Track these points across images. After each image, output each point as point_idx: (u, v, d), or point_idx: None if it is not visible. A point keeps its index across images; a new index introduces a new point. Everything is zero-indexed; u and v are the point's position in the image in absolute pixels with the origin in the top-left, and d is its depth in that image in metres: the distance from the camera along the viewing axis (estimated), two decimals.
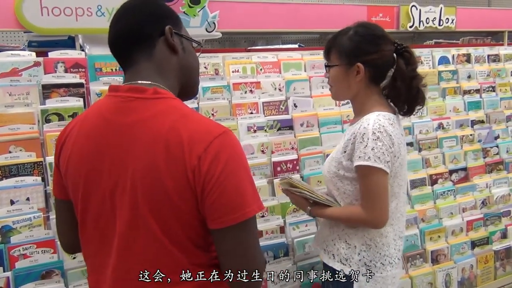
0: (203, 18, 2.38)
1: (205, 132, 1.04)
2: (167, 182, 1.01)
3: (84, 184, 1.12)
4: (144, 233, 1.05)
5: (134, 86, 1.11)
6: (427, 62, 2.97)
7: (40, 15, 2.12)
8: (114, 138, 1.08)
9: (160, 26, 1.14)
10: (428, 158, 2.72)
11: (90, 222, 1.14)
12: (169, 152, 1.01)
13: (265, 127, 2.34)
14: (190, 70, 1.23)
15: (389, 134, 1.55)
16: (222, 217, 1.02)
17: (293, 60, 2.57)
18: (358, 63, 1.61)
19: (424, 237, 2.56)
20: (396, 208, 1.66)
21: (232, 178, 1.03)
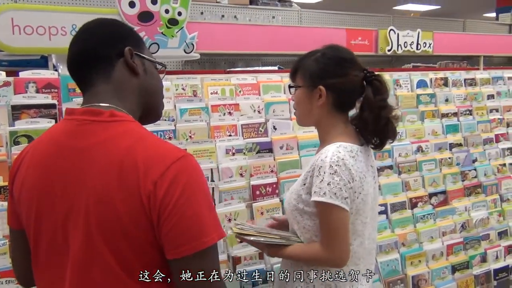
0: (181, 39, 2.35)
1: (162, 156, 1.00)
2: (120, 208, 0.96)
3: (36, 212, 1.07)
4: (98, 263, 0.99)
5: (89, 108, 1.07)
6: (405, 85, 2.99)
7: (12, 33, 2.06)
8: (66, 163, 1.03)
9: (119, 48, 1.11)
10: (407, 181, 2.70)
11: (42, 252, 1.08)
12: (122, 176, 0.97)
13: (244, 149, 2.29)
14: (152, 92, 1.19)
15: (348, 168, 1.43)
16: (179, 246, 0.97)
17: (273, 82, 2.55)
18: (320, 86, 1.51)
19: (405, 262, 2.53)
20: (362, 246, 1.54)
21: (190, 205, 0.98)
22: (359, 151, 1.52)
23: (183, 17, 2.32)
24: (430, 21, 6.57)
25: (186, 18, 2.32)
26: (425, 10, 11.38)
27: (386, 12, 6.56)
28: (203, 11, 5.02)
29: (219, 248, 2.08)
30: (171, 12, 2.30)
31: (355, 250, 1.52)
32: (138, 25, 2.24)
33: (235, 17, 5.17)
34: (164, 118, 2.17)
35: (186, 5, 2.32)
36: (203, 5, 5.03)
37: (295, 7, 5.66)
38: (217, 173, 2.20)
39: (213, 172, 2.19)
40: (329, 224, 1.46)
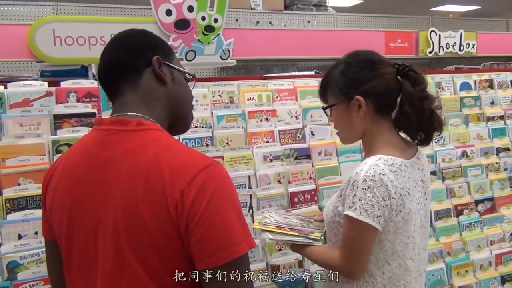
0: (217, 45, 2.35)
1: (190, 164, 0.98)
2: (147, 218, 0.95)
3: (67, 223, 1.07)
4: (128, 273, 0.98)
5: (117, 118, 1.07)
6: (448, 88, 2.88)
7: (53, 44, 2.11)
8: (96, 173, 1.03)
9: (147, 57, 1.11)
10: (452, 187, 2.60)
11: (74, 262, 1.08)
12: (149, 186, 0.96)
13: (282, 156, 2.26)
14: (180, 102, 1.18)
15: (385, 184, 1.32)
16: (208, 256, 0.95)
17: (310, 87, 2.51)
18: (356, 96, 1.42)
19: (451, 272, 2.42)
20: (403, 267, 1.43)
21: (218, 214, 0.95)
22: (404, 165, 1.41)
23: (219, 23, 2.32)
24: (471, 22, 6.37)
25: (222, 24, 2.32)
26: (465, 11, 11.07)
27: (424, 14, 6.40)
28: (238, 17, 5.05)
29: (258, 256, 2.05)
30: (208, 19, 2.30)
31: (393, 272, 1.43)
32: (175, 33, 2.25)
33: (270, 23, 5.17)
34: (201, 125, 2.16)
35: (222, 11, 2.31)
36: (238, 12, 5.06)
37: (330, 11, 5.61)
38: (254, 180, 2.17)
39: (250, 179, 2.16)
40: (353, 239, 1.38)
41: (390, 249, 1.40)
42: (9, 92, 1.91)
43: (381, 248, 1.41)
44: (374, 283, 1.43)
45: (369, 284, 1.43)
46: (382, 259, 1.42)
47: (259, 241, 2.07)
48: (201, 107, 2.20)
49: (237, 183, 2.13)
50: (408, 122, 1.43)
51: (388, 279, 1.43)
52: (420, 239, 1.49)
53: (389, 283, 1.43)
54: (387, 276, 1.43)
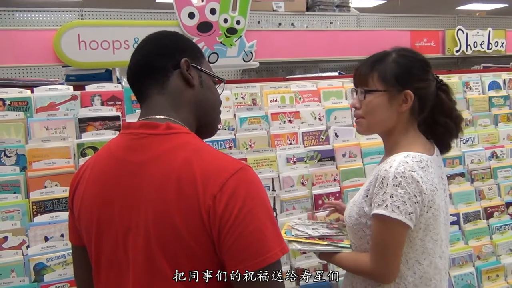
0: (240, 48, 2.34)
1: (221, 169, 0.96)
2: (179, 224, 0.94)
3: (96, 228, 1.06)
4: (159, 280, 0.97)
5: (146, 122, 1.06)
6: (476, 87, 2.81)
7: (78, 49, 2.14)
8: (125, 178, 1.02)
9: (175, 59, 1.10)
10: (481, 189, 2.53)
11: (104, 268, 1.07)
12: (181, 191, 0.94)
13: (305, 158, 2.24)
14: (208, 105, 1.16)
15: (416, 180, 1.30)
16: (242, 262, 0.93)
17: (333, 88, 2.48)
18: (408, 90, 1.39)
19: (481, 276, 2.35)
20: (433, 266, 1.41)
21: (251, 220, 0.94)
22: (430, 161, 1.39)
23: (242, 26, 2.31)
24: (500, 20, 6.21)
25: (244, 26, 2.31)
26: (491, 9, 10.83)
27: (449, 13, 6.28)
28: (260, 20, 5.05)
29: (282, 259, 2.02)
30: (230, 21, 2.30)
31: (425, 271, 1.39)
32: (198, 36, 2.25)
33: (292, 25, 5.15)
34: (224, 128, 2.16)
35: (244, 13, 2.31)
36: (260, 14, 5.05)
37: (353, 11, 5.55)
38: (278, 182, 2.15)
39: (274, 181, 2.14)
40: (384, 238, 1.34)
41: (420, 247, 1.38)
42: (36, 96, 1.94)
43: (411, 247, 1.38)
44: (405, 283, 1.40)
45: (400, 286, 1.40)
46: (413, 259, 1.39)
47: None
48: (224, 109, 2.19)
49: None
50: (447, 132, 1.47)
51: (419, 279, 1.40)
52: (445, 236, 1.47)
53: (420, 283, 1.40)
54: (419, 276, 1.40)
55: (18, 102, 1.90)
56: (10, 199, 1.77)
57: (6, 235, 1.71)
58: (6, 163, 1.81)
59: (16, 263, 1.70)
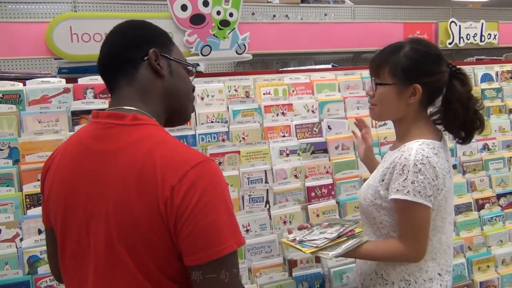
0: (233, 40, 2.34)
1: (182, 160, 0.98)
2: (138, 214, 0.96)
3: (62, 212, 1.09)
4: (119, 267, 1.00)
5: (113, 112, 1.08)
6: None
7: (70, 41, 2.12)
8: (90, 166, 1.05)
9: (144, 50, 1.11)
10: (473, 181, 2.55)
11: (69, 251, 1.11)
12: (141, 182, 0.97)
13: (298, 150, 2.25)
14: (178, 94, 1.17)
15: (432, 166, 1.43)
16: (196, 253, 0.96)
17: (327, 81, 2.48)
18: (416, 84, 1.47)
19: (472, 267, 2.38)
20: (440, 242, 1.54)
21: (208, 212, 0.96)
22: (440, 147, 1.50)
23: (235, 18, 2.30)
24: (493, 11, 6.21)
25: (237, 19, 2.30)
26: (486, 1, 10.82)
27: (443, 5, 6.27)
28: (254, 11, 5.03)
29: (275, 251, 2.05)
30: (223, 14, 2.29)
31: (434, 246, 1.52)
32: (191, 28, 2.24)
33: (286, 17, 5.13)
34: (217, 120, 2.16)
35: (237, 6, 2.30)
36: (254, 6, 5.03)
37: (348, 3, 5.54)
38: (271, 175, 2.16)
39: (267, 174, 2.15)
40: (412, 222, 1.45)
41: (432, 226, 1.49)
42: (28, 89, 1.93)
43: None
44: None
45: None
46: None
47: (276, 235, 2.07)
48: (217, 102, 2.20)
49: (254, 178, 2.13)
50: (454, 118, 1.51)
51: (428, 253, 1.51)
52: (451, 213, 1.60)
53: (428, 257, 1.52)
54: (428, 251, 1.50)
55: (10, 95, 1.89)
56: (3, 192, 1.77)
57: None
58: None
59: (9, 255, 1.70)
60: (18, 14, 4.20)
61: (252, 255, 2.02)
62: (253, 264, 2.01)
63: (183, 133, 2.08)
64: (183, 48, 2.27)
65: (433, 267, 1.53)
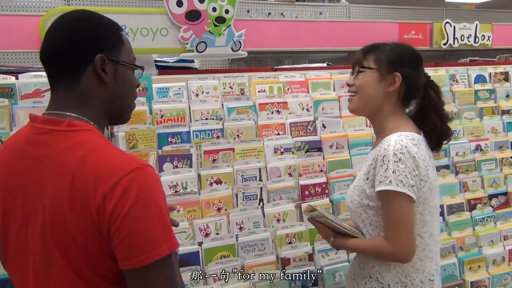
0: (228, 37, 2.32)
1: (115, 168, 0.97)
2: (70, 219, 0.97)
3: (2, 216, 1.08)
4: (55, 271, 1.01)
5: (49, 118, 1.06)
6: (462, 81, 2.83)
7: None
8: (26, 170, 1.04)
9: (91, 53, 1.06)
10: (465, 181, 2.56)
11: (10, 254, 1.11)
12: (74, 188, 0.97)
13: (293, 148, 2.24)
14: (121, 98, 1.15)
15: (412, 155, 1.43)
16: (128, 259, 0.97)
17: (322, 80, 2.48)
18: (397, 73, 1.53)
19: (463, 267, 2.39)
20: (431, 238, 1.52)
21: (139, 219, 0.96)
22: (420, 139, 1.51)
23: (231, 14, 2.29)
24: (487, 13, 6.25)
25: (233, 15, 2.29)
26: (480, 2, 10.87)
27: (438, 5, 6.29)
28: (249, 9, 5.01)
29: (268, 249, 2.04)
30: (219, 10, 2.27)
31: (426, 243, 1.50)
32: (186, 24, 2.22)
33: (281, 14, 5.13)
34: (211, 117, 2.15)
35: (233, 2, 2.29)
36: (249, 3, 5.02)
37: (343, 2, 5.55)
38: (265, 173, 2.16)
39: (261, 172, 2.15)
40: (395, 214, 1.42)
41: (420, 221, 1.48)
42: (21, 83, 1.91)
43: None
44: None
45: None
46: (415, 233, 1.47)
47: (269, 233, 2.06)
48: (211, 99, 2.19)
49: (248, 175, 2.12)
50: (434, 128, 1.56)
51: (422, 251, 1.49)
52: (437, 208, 1.59)
53: (424, 256, 1.50)
54: (421, 249, 1.49)
55: (2, 89, 1.87)
56: None
57: None
58: None
59: None
60: (11, 7, 4.16)
61: (245, 252, 2.02)
62: (246, 262, 2.01)
63: (178, 129, 2.07)
64: (178, 44, 2.25)
65: (430, 267, 1.52)
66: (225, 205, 2.05)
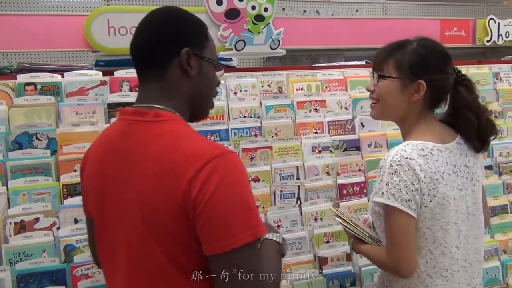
0: (267, 35, 2.33)
1: (199, 154, 1.00)
2: (161, 206, 1.00)
3: (98, 205, 1.16)
4: (148, 259, 1.05)
5: (137, 109, 1.11)
6: (506, 79, 2.74)
7: (108, 35, 2.15)
8: (115, 163, 1.10)
9: (178, 47, 1.11)
10: (509, 183, 2.48)
11: (105, 242, 1.17)
12: (161, 176, 1.00)
13: (331, 147, 2.23)
14: (203, 94, 1.19)
15: (412, 168, 1.33)
16: (210, 244, 1.00)
17: (360, 78, 2.45)
18: (421, 80, 1.40)
19: (507, 271, 2.32)
20: (445, 256, 1.40)
21: (221, 205, 0.98)
22: (437, 149, 1.40)
23: (270, 13, 2.29)
24: None
25: (272, 14, 2.29)
26: None
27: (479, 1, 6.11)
28: (284, 7, 5.00)
29: (305, 248, 2.04)
30: (258, 8, 2.28)
31: (437, 260, 1.40)
32: (225, 23, 2.24)
33: (317, 12, 5.09)
34: (250, 115, 2.16)
35: (272, 0, 2.29)
36: (285, 1, 5.00)
37: None
38: (302, 171, 2.15)
39: (298, 170, 2.14)
40: (389, 227, 1.38)
41: (430, 236, 1.39)
42: (66, 81, 1.97)
43: (420, 236, 1.40)
44: (419, 272, 1.41)
45: (414, 275, 1.41)
46: (424, 248, 1.40)
47: (307, 232, 2.06)
48: (249, 97, 2.20)
49: (285, 173, 2.12)
50: (471, 126, 1.43)
51: (432, 268, 1.40)
52: (469, 227, 1.46)
53: (434, 273, 1.41)
54: (431, 265, 1.40)
55: (49, 87, 1.93)
56: (41, 181, 1.81)
57: (38, 216, 1.76)
58: (37, 146, 1.85)
59: (47, 243, 1.74)
60: (56, 7, 4.29)
61: None
62: (283, 260, 2.00)
63: (216, 127, 2.09)
64: (218, 42, 2.27)
65: (443, 286, 1.40)
66: (262, 203, 2.06)
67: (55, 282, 1.70)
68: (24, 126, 1.84)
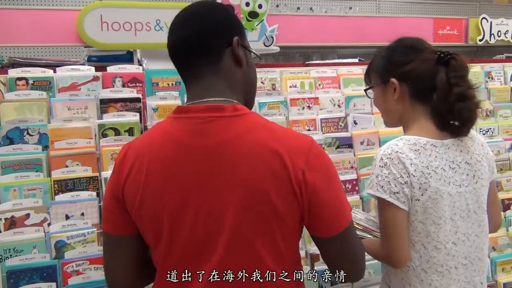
0: (261, 32, 2.33)
1: (299, 145, 1.04)
2: (275, 201, 1.00)
3: (172, 211, 1.04)
4: (245, 249, 1.04)
5: (210, 105, 1.05)
6: (498, 78, 2.76)
7: (100, 30, 2.14)
8: (198, 163, 1.02)
9: (229, 37, 1.08)
10: (499, 181, 2.50)
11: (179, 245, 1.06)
12: (272, 170, 1.00)
13: (323, 144, 2.23)
14: (253, 84, 1.19)
15: (402, 161, 1.34)
16: (330, 225, 1.06)
17: (354, 75, 2.46)
18: (391, 79, 1.46)
19: (496, 268, 2.35)
20: (438, 251, 1.39)
21: (334, 187, 1.07)
22: (431, 144, 1.40)
23: (264, 9, 2.29)
24: None
25: (266, 10, 2.29)
26: None
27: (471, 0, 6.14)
28: (278, 3, 4.99)
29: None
30: (252, 5, 2.28)
31: (431, 255, 1.40)
32: None
33: (310, 9, 5.09)
34: None
35: None
36: None
37: None
38: None
39: None
40: (380, 218, 1.42)
41: (423, 230, 1.40)
42: (58, 76, 1.96)
43: (413, 230, 1.41)
44: (413, 266, 1.42)
45: (410, 268, 1.42)
46: (418, 242, 1.41)
47: None
48: None
49: None
50: (436, 108, 1.41)
51: (426, 263, 1.41)
52: (470, 224, 1.44)
53: (429, 268, 1.41)
54: (425, 260, 1.41)
55: (41, 82, 1.92)
56: (32, 177, 1.80)
57: (28, 212, 1.74)
58: (29, 142, 1.83)
59: (37, 239, 1.73)
60: (49, 2, 4.25)
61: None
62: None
63: None
64: None
65: (438, 282, 1.40)
66: None
67: (45, 278, 1.69)
68: (15, 121, 1.82)
